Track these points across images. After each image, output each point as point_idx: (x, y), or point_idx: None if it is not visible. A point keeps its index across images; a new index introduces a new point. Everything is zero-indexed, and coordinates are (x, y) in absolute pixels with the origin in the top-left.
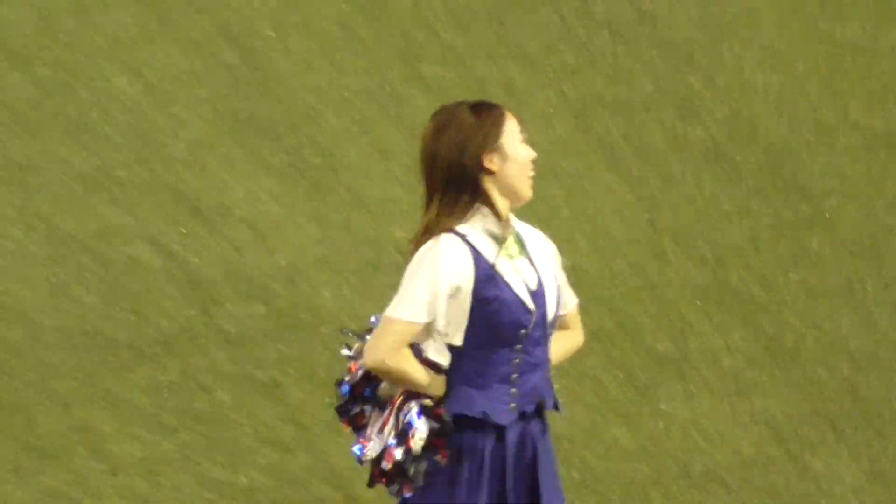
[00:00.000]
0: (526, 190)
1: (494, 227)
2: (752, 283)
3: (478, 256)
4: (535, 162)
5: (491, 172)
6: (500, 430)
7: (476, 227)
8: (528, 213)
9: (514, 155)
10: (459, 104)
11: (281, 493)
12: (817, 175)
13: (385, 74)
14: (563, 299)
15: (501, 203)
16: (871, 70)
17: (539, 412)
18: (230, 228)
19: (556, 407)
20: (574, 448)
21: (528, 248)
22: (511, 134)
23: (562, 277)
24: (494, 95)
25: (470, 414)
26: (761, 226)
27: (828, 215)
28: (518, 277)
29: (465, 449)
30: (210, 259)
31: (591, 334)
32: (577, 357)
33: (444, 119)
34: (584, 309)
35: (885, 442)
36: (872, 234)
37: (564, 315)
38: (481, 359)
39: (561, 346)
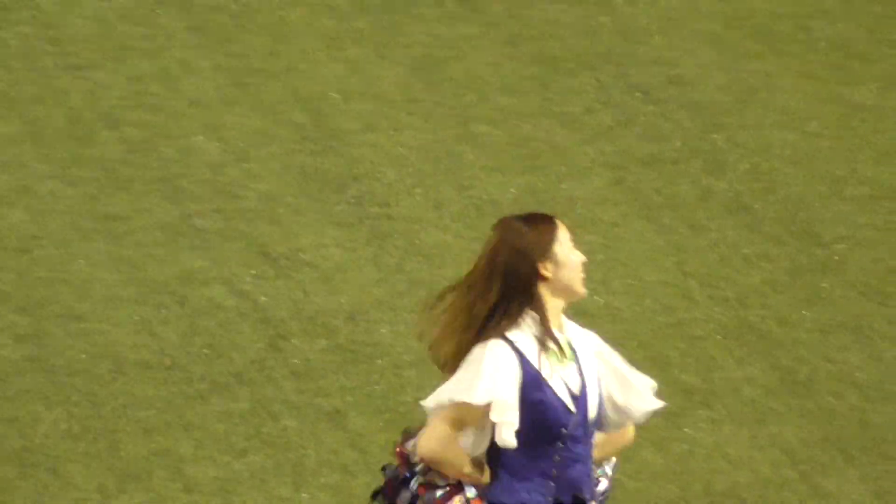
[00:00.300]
0: (580, 288)
1: (542, 333)
2: (770, 321)
3: (524, 362)
4: (585, 265)
5: (545, 279)
6: None
7: (525, 332)
8: None
9: (566, 260)
10: (513, 218)
11: None
12: (829, 223)
13: (439, 133)
14: (629, 405)
15: (553, 304)
16: (878, 128)
17: (578, 501)
18: (297, 271)
19: (593, 498)
20: None
21: (578, 351)
22: (563, 241)
23: (625, 378)
24: (539, 152)
25: (508, 502)
26: (779, 269)
27: (838, 259)
28: (561, 381)
29: None
30: (279, 299)
31: None
32: None
33: (503, 233)
34: (617, 343)
35: (891, 464)
36: (879, 276)
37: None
38: (525, 454)
39: (611, 446)
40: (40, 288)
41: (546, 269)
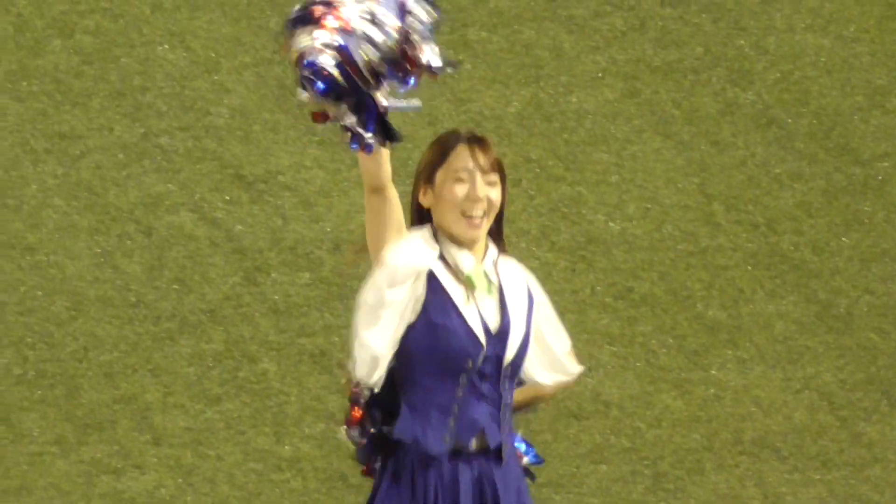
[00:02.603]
0: (455, 229)
1: (453, 259)
2: (804, 249)
3: (432, 279)
4: (474, 201)
5: (428, 208)
6: (452, 466)
7: (445, 252)
8: (577, 178)
9: (441, 192)
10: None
11: (327, 462)
12: (869, 138)
13: None
14: (545, 359)
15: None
16: None
17: (493, 450)
18: (275, 196)
19: (499, 449)
20: (624, 415)
21: (506, 288)
22: (452, 168)
23: (553, 341)
24: (542, 60)
25: (403, 438)
26: (813, 190)
27: (880, 178)
28: (474, 310)
29: (414, 484)
30: (255, 227)
31: (641, 300)
32: (627, 323)
33: None
34: (634, 275)
35: None
36: None
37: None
38: (425, 385)
39: (524, 394)
40: None
41: (425, 196)
